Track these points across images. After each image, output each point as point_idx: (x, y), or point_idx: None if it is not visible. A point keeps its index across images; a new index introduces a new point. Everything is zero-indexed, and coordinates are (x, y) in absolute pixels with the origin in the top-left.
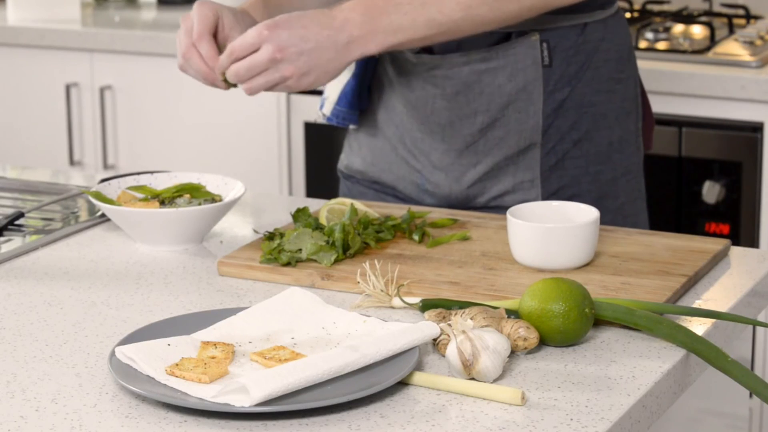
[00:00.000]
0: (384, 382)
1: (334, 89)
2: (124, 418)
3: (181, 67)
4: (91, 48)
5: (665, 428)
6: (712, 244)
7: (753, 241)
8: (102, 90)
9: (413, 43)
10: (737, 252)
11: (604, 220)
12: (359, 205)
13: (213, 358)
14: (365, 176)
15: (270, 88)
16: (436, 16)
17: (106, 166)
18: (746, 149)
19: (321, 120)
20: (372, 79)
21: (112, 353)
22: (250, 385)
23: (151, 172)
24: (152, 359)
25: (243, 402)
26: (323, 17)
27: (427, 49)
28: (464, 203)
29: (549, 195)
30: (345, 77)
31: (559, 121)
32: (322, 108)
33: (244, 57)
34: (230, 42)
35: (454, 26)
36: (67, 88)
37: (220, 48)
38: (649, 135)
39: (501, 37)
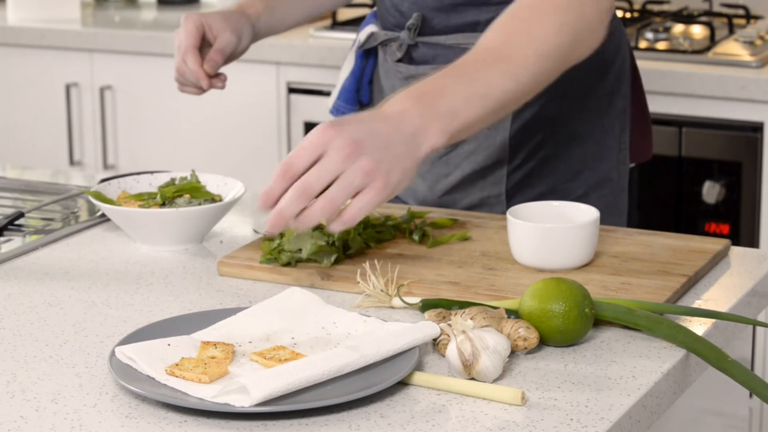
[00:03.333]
0: (384, 382)
1: (338, 84)
2: (124, 418)
3: (178, 83)
4: (91, 48)
5: (665, 428)
6: (712, 244)
7: (753, 241)
8: (102, 90)
9: (476, 126)
10: (737, 252)
11: None
12: None
13: (213, 358)
14: None
15: (352, 200)
16: (488, 91)
17: (106, 166)
18: (746, 149)
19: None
20: (373, 75)
21: (112, 353)
22: (250, 385)
23: (151, 172)
24: (152, 359)
25: (243, 402)
26: (379, 114)
27: (408, 58)
28: None
29: None
30: (346, 72)
31: (527, 139)
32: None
33: (305, 170)
34: (219, 39)
35: (506, 98)
36: (67, 88)
37: (204, 53)
38: (645, 145)
39: None
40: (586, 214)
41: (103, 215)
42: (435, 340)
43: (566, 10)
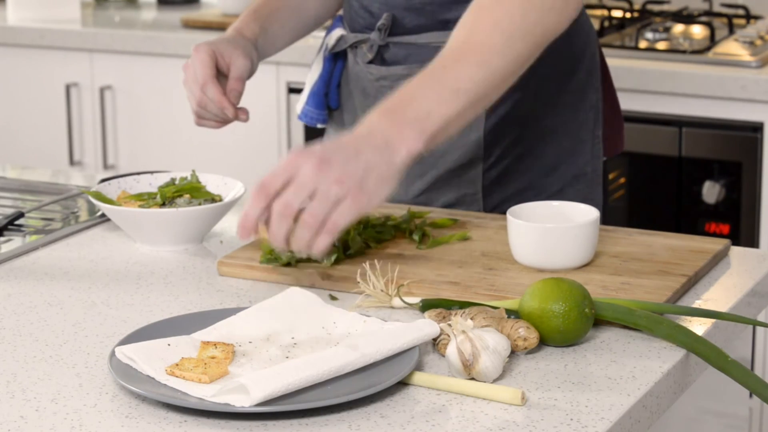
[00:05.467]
0: (384, 382)
1: (305, 88)
2: (124, 418)
3: (197, 116)
4: (91, 48)
5: (665, 428)
6: (712, 244)
7: (753, 241)
8: (102, 90)
9: (458, 120)
10: (737, 252)
11: None
12: None
13: (213, 358)
14: None
15: (331, 214)
16: (459, 85)
17: (106, 166)
18: (746, 149)
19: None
20: (341, 79)
21: (112, 353)
22: (250, 385)
23: (151, 172)
24: (152, 359)
25: (243, 402)
26: (348, 135)
27: (380, 59)
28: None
29: (492, 208)
30: (314, 76)
31: (501, 137)
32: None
33: (280, 189)
34: (234, 67)
35: (481, 88)
36: (67, 88)
37: (223, 83)
38: (617, 137)
39: None
40: (586, 214)
41: (103, 215)
42: (435, 340)
43: None
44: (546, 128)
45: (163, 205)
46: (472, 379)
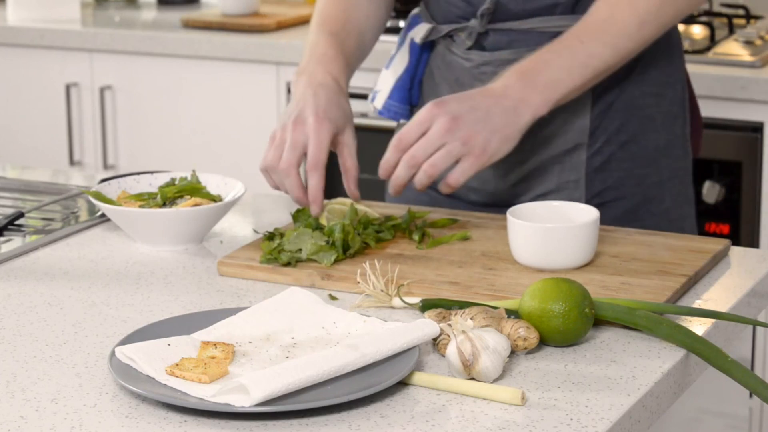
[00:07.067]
0: (384, 382)
1: (387, 83)
2: (124, 418)
3: (266, 169)
4: (91, 48)
5: (665, 428)
6: (712, 244)
7: (753, 241)
8: (102, 90)
9: (576, 92)
10: (737, 252)
11: (649, 224)
12: (359, 205)
13: (213, 358)
14: None
15: (455, 165)
16: (588, 61)
17: (106, 166)
18: (746, 149)
19: (372, 112)
20: (424, 75)
21: (112, 353)
22: (250, 385)
23: (151, 172)
24: (152, 359)
25: (243, 402)
26: (484, 90)
27: (478, 46)
28: (508, 201)
29: (593, 196)
30: (398, 71)
31: (607, 123)
32: (373, 101)
33: (413, 142)
34: (349, 148)
35: (604, 65)
36: (67, 88)
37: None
38: (698, 140)
39: (551, 37)
40: (586, 214)
41: (103, 215)
42: (435, 340)
43: None
44: (648, 117)
45: (163, 205)
46: (472, 379)
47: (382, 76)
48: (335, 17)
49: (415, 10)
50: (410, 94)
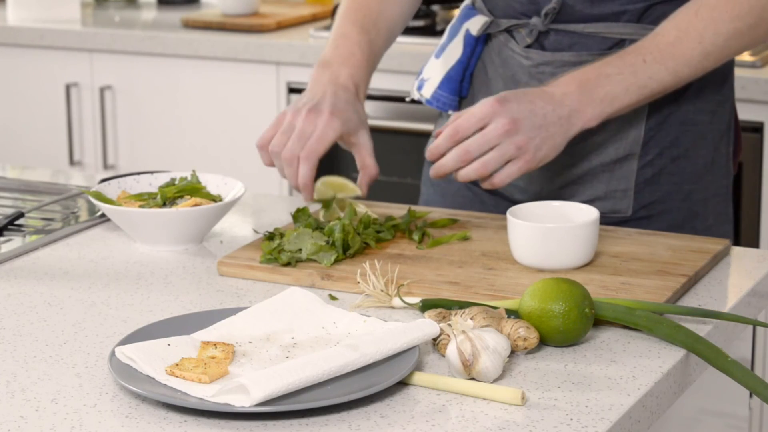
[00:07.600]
0: (384, 382)
1: (436, 72)
2: (124, 418)
3: (265, 148)
4: (91, 48)
5: (665, 428)
6: (712, 244)
7: (753, 241)
8: (102, 90)
9: (626, 109)
10: (737, 252)
11: None
12: (359, 206)
13: (213, 358)
14: None
15: (502, 167)
16: (648, 83)
17: (106, 166)
18: (746, 149)
19: (416, 99)
20: (476, 68)
21: (112, 353)
22: (250, 385)
23: (151, 172)
24: (152, 359)
25: (243, 402)
26: (543, 94)
27: (538, 45)
28: None
29: (640, 208)
30: (450, 61)
31: (661, 136)
32: (420, 89)
33: (469, 136)
34: (363, 150)
35: (661, 88)
36: (67, 88)
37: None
38: (736, 160)
39: (614, 43)
40: (586, 214)
41: (103, 215)
42: (435, 340)
43: (744, 17)
44: (699, 134)
45: (163, 205)
46: (472, 379)
47: (430, 64)
48: (369, 7)
49: (468, 1)
50: (461, 86)
